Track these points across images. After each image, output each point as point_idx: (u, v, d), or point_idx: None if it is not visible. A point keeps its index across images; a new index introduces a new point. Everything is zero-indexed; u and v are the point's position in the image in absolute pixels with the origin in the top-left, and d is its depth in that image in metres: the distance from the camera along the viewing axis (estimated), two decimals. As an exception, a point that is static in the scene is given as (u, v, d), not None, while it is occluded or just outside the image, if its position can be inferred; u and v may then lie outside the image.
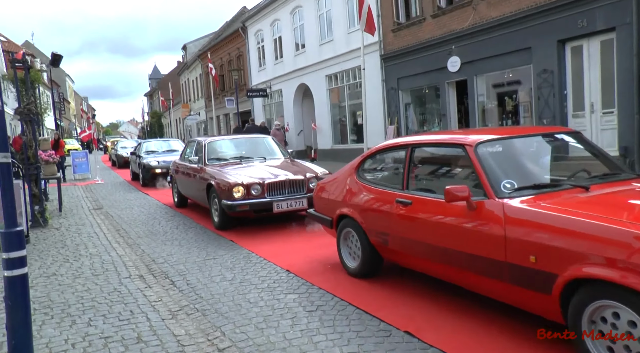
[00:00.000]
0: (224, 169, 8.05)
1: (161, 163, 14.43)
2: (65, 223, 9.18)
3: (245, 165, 8.30)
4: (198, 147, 9.29)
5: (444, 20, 14.38)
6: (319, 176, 7.62)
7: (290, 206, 7.37)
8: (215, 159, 8.74)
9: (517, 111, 12.99)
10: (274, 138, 10.02)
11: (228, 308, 4.39)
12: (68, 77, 67.64)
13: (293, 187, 7.46)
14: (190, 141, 10.50)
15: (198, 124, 43.72)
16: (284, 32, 24.58)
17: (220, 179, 7.58)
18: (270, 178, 7.46)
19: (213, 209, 7.93)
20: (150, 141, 18.38)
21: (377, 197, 4.65)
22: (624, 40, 9.97)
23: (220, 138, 10.00)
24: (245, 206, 7.18)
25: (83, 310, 4.46)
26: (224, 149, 9.32)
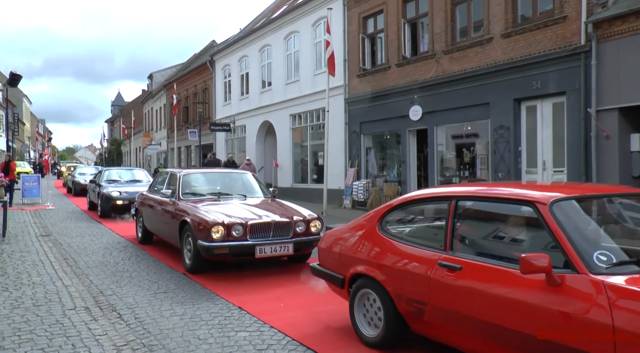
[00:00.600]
0: (201, 205, 7.32)
1: (123, 193, 13.30)
2: (8, 249, 8.76)
3: (224, 202, 7.63)
4: (171, 179, 8.57)
5: (408, 69, 14.93)
6: (306, 219, 7.04)
7: (274, 252, 6.65)
8: (190, 193, 8.06)
9: (475, 162, 13.44)
10: (254, 174, 9.44)
11: (176, 344, 4.26)
12: (25, 98, 65.81)
13: (278, 230, 6.78)
14: (161, 171, 9.61)
15: (158, 154, 43.10)
16: (251, 68, 24.89)
17: (197, 217, 6.81)
18: (253, 218, 6.76)
19: (185, 250, 7.09)
20: (112, 169, 16.80)
21: (409, 256, 3.90)
22: (573, 104, 10.59)
23: (196, 170, 9.27)
24: (224, 248, 6.42)
25: (19, 343, 4.23)
26: (201, 183, 8.65)
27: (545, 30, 11.05)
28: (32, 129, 71.91)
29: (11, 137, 36.85)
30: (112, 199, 13.22)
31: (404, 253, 3.94)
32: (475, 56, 12.76)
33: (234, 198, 7.98)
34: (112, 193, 13.33)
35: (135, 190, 12.59)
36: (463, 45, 13.14)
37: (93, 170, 25.03)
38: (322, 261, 4.84)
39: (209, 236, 6.45)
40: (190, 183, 8.39)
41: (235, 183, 8.82)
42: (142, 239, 9.39)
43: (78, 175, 23.88)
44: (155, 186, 9.43)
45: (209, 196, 8.07)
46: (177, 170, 8.71)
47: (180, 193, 7.92)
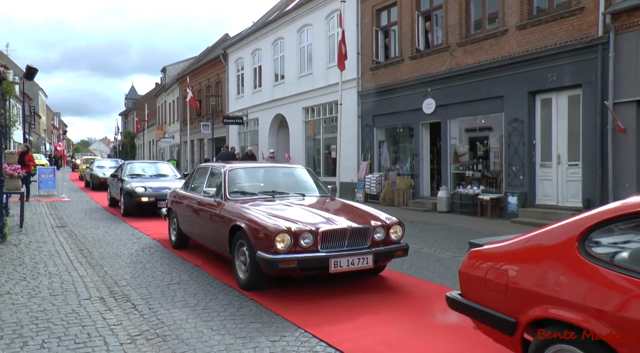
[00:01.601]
0: (255, 207, 6.15)
1: (149, 189, 12.20)
2: (25, 239, 8.89)
3: (281, 203, 6.46)
4: (213, 175, 7.38)
5: (422, 62, 14.83)
6: (386, 224, 5.86)
7: (351, 265, 5.42)
8: (239, 192, 6.83)
9: (488, 156, 13.34)
10: (308, 169, 8.22)
11: (189, 334, 4.30)
12: (41, 91, 66.54)
13: (355, 238, 5.59)
14: (199, 166, 8.39)
15: (172, 147, 43.38)
16: (264, 61, 24.89)
17: (254, 222, 5.64)
18: (324, 224, 5.57)
19: (238, 262, 5.92)
20: (135, 162, 15.55)
21: None
22: (589, 97, 10.45)
23: (242, 165, 7.94)
24: (292, 262, 5.21)
25: (37, 331, 4.30)
26: (250, 180, 7.43)
27: (562, 22, 10.89)
28: (48, 122, 72.75)
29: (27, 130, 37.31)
30: (136, 195, 12.06)
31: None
32: (490, 48, 12.63)
33: (291, 198, 6.81)
34: (136, 189, 12.17)
35: (161, 185, 12.23)
36: (477, 37, 13.01)
37: (112, 163, 24.22)
38: (469, 292, 3.45)
39: (272, 247, 5.27)
40: (237, 179, 7.15)
41: (290, 179, 7.59)
42: (177, 243, 8.20)
43: (96, 168, 22.90)
44: (191, 183, 8.21)
45: (262, 195, 6.83)
46: (219, 165, 7.57)
47: (227, 192, 6.69)
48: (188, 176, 8.50)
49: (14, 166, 10.36)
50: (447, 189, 13.90)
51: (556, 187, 11.37)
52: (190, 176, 8.48)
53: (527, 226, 10.86)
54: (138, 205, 12.11)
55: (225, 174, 7.01)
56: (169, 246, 8.39)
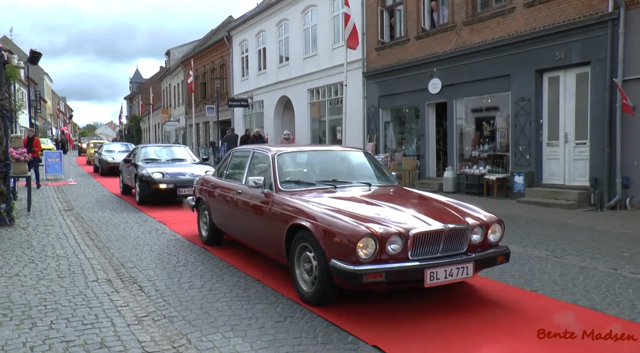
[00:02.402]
0: (319, 201, 4.96)
1: (167, 175, 11.13)
2: (33, 223, 8.96)
3: (347, 195, 5.27)
4: (257, 160, 6.23)
5: (427, 42, 14.65)
6: (484, 222, 4.67)
7: (449, 276, 4.26)
8: (293, 182, 5.63)
9: (494, 136, 13.24)
10: (369, 152, 6.99)
11: (195, 315, 4.33)
12: (46, 76, 66.55)
13: (450, 242, 4.41)
14: (236, 151, 7.25)
15: (177, 130, 43.40)
16: (268, 43, 24.70)
17: (326, 222, 4.44)
18: (414, 224, 4.37)
19: (301, 271, 4.77)
20: (149, 146, 14.38)
21: None
22: (598, 74, 10.30)
23: (293, 148, 6.54)
24: (379, 274, 4.06)
25: (45, 313, 4.34)
26: (303, 166, 6.25)
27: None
28: (54, 106, 72.87)
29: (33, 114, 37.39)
30: (153, 182, 11.00)
31: None
32: (497, 26, 12.44)
33: (355, 188, 5.60)
34: (153, 175, 11.07)
35: (180, 171, 11.47)
36: (484, 16, 12.81)
37: (121, 147, 23.45)
38: None
39: (353, 255, 4.10)
40: (288, 166, 5.97)
41: (349, 165, 6.36)
42: (209, 239, 7.12)
43: (105, 153, 21.92)
44: (225, 169, 7.02)
45: (320, 185, 5.58)
46: (263, 148, 6.31)
47: (279, 182, 5.50)
48: (221, 162, 7.32)
49: (20, 150, 10.39)
50: (453, 169, 13.84)
51: (563, 166, 11.29)
52: (224, 162, 7.20)
53: (533, 205, 10.82)
54: (155, 193, 11.07)
55: (273, 159, 5.75)
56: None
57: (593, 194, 10.41)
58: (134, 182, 11.91)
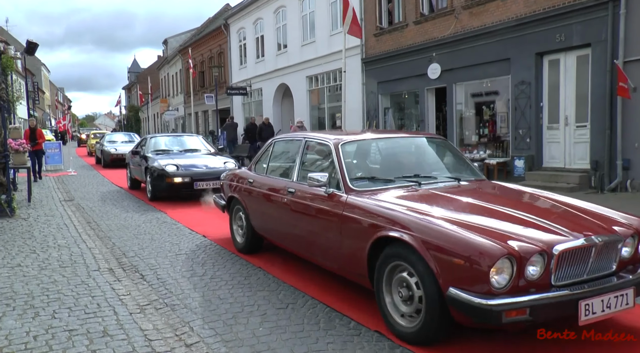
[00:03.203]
0: (411, 204, 3.82)
1: (181, 168, 10.05)
2: (34, 213, 8.96)
3: (440, 194, 4.14)
4: (312, 152, 5.16)
5: (426, 27, 14.53)
6: (637, 230, 3.58)
7: (607, 308, 3.18)
8: (365, 179, 4.45)
9: (494, 120, 13.19)
10: (444, 140, 5.50)
11: (197, 303, 4.34)
12: (44, 67, 66.20)
13: (599, 260, 3.33)
14: (278, 140, 6.03)
15: (176, 119, 43.28)
16: (266, 31, 24.52)
17: (438, 234, 3.33)
18: (554, 237, 3.25)
19: (391, 298, 3.68)
20: (159, 136, 13.25)
21: None
22: (599, 56, 10.22)
23: (357, 135, 5.16)
24: (523, 310, 3.00)
25: (48, 302, 4.35)
26: (375, 158, 5.08)
27: (570, -20, 10.58)
28: (52, 97, 72.62)
29: (32, 105, 37.26)
30: (167, 176, 9.90)
31: None
32: (496, 9, 12.33)
33: (443, 184, 4.47)
34: (166, 168, 9.98)
35: (196, 163, 10.45)
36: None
37: (125, 137, 22.63)
38: None
39: (484, 282, 3.02)
40: (357, 158, 4.82)
41: (429, 156, 5.22)
42: (246, 246, 5.96)
43: (107, 144, 20.97)
44: (267, 162, 5.88)
45: (400, 182, 4.41)
46: (318, 136, 5.15)
47: (348, 179, 4.34)
48: (260, 154, 6.15)
49: (19, 141, 10.37)
50: (454, 155, 13.80)
51: (563, 149, 11.27)
52: (264, 154, 6.02)
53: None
54: (170, 187, 9.97)
55: (337, 150, 4.58)
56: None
57: (594, 177, 10.40)
58: (144, 176, 10.87)
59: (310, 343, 3.50)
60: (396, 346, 3.44)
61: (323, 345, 3.47)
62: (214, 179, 9.56)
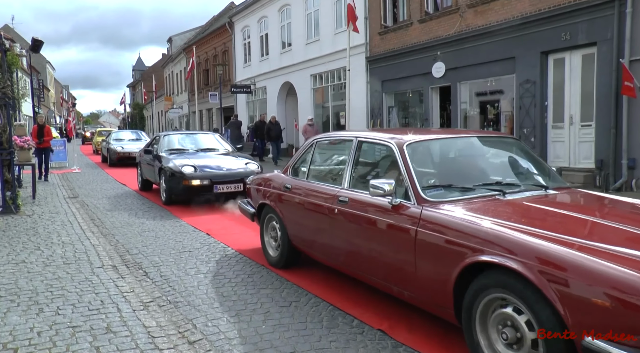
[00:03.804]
0: (509, 220, 3.14)
1: (200, 169, 9.21)
2: (38, 210, 8.99)
3: (535, 206, 3.52)
4: (369, 153, 4.54)
5: (431, 25, 14.49)
6: None
7: None
8: (440, 187, 3.75)
9: (499, 119, 13.15)
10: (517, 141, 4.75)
11: (201, 301, 4.34)
12: (49, 64, 66.37)
13: None
14: (320, 139, 5.25)
15: (180, 117, 43.34)
16: (270, 29, 24.51)
17: (565, 263, 2.56)
18: None
19: (493, 342, 2.97)
20: (172, 134, 12.24)
21: None
22: (604, 55, 10.17)
23: (424, 135, 4.26)
24: None
25: (52, 299, 4.37)
26: (447, 161, 4.33)
27: (576, -22, 10.53)
28: (57, 95, 72.85)
29: (37, 103, 37.37)
30: (184, 178, 9.06)
31: None
32: (501, 8, 12.28)
33: (530, 193, 3.78)
34: (183, 169, 9.14)
35: (214, 163, 9.61)
36: (488, -3, 12.64)
37: (132, 135, 21.92)
38: None
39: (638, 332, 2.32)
40: (427, 163, 4.10)
41: (507, 159, 4.39)
42: (281, 260, 5.22)
43: (114, 142, 20.25)
44: (306, 165, 5.14)
45: (482, 191, 3.71)
46: (376, 135, 4.43)
47: (419, 188, 3.61)
48: (298, 155, 5.35)
49: (24, 137, 10.40)
50: (458, 154, 13.77)
51: (568, 148, 11.22)
52: (303, 156, 5.28)
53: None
54: (187, 190, 9.12)
55: (403, 152, 3.85)
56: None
57: (599, 176, 10.35)
58: (157, 177, 10.13)
59: (313, 342, 3.50)
60: (399, 345, 3.44)
61: (326, 343, 3.47)
62: (235, 181, 9.03)
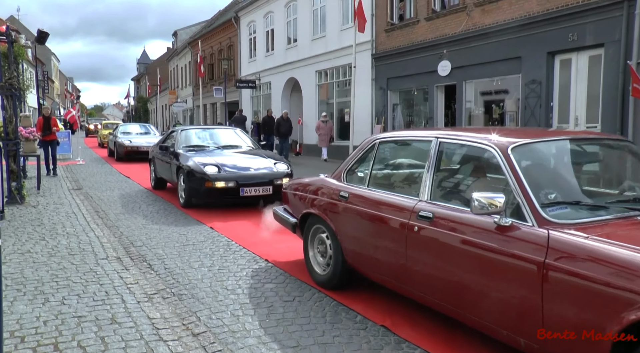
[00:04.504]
0: None
1: (224, 169, 8.30)
2: (43, 201, 9.03)
3: None
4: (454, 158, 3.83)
5: (438, 23, 14.46)
6: None
7: None
8: (563, 204, 2.98)
9: (503, 119, 13.13)
10: (632, 144, 3.94)
11: (205, 294, 4.37)
12: (54, 56, 66.44)
13: None
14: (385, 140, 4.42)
15: (184, 111, 43.37)
16: (276, 24, 24.48)
17: None
18: None
19: None
20: (191, 128, 11.08)
21: None
22: (612, 56, 10.13)
23: (530, 137, 3.36)
24: None
25: (57, 289, 4.39)
26: (562, 170, 3.51)
27: (585, -21, 10.49)
28: (61, 87, 72.95)
29: (42, 94, 37.43)
30: (206, 179, 8.13)
31: None
32: (509, 7, 12.24)
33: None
34: (206, 169, 8.25)
35: (241, 163, 8.70)
36: (496, -4, 12.61)
37: (140, 129, 21.04)
38: None
39: None
40: (537, 171, 3.28)
41: (622, 166, 3.80)
42: (333, 280, 4.41)
43: (121, 135, 19.36)
44: (364, 168, 4.38)
45: (615, 210, 2.99)
46: (468, 135, 3.57)
47: (538, 205, 2.88)
48: (353, 158, 4.53)
49: (30, 129, 10.43)
50: (462, 153, 13.76)
51: (573, 150, 11.19)
52: (361, 158, 4.44)
53: None
54: (209, 193, 8.19)
55: (509, 158, 3.08)
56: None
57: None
58: (175, 176, 9.17)
59: (317, 336, 3.52)
60: (402, 341, 3.45)
61: (329, 338, 3.49)
62: (264, 184, 8.24)
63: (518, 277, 2.77)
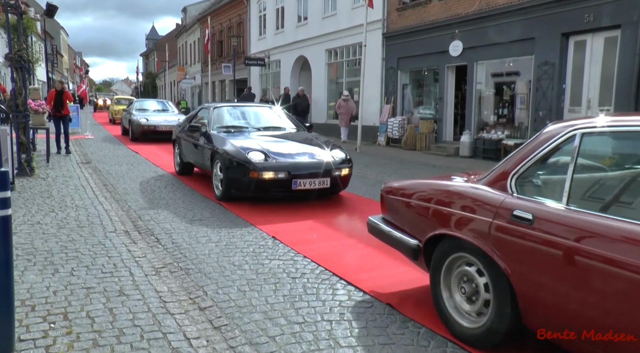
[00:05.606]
0: None
1: (273, 157, 6.88)
2: (52, 174, 9.08)
3: None
4: None
5: (450, 3, 14.22)
6: None
7: None
8: None
9: (514, 101, 12.98)
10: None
11: (212, 269, 4.39)
12: (63, 30, 66.20)
13: None
14: (580, 128, 2.76)
15: (193, 88, 43.25)
16: (287, 2, 24.19)
17: None
18: None
19: None
20: (224, 106, 9.22)
21: None
22: (628, 38, 9.94)
23: None
24: None
25: (66, 260, 4.43)
26: None
27: (603, -42, 10.23)
28: (70, 61, 72.82)
29: (51, 68, 37.40)
30: (251, 168, 6.70)
31: None
32: (524, -14, 12.00)
33: None
34: (250, 156, 6.83)
35: (292, 149, 7.21)
36: (511, -25, 12.35)
37: (158, 106, 19.18)
38: None
39: None
40: None
41: None
42: (495, 336, 2.97)
43: (136, 112, 17.41)
44: (563, 174, 2.72)
45: None
46: None
47: None
48: (524, 154, 3.06)
49: (39, 101, 10.44)
50: (471, 134, 13.66)
51: (584, 134, 11.07)
52: (545, 156, 2.91)
53: None
54: (255, 185, 6.75)
55: None
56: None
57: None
58: (209, 163, 7.69)
59: (324, 313, 3.54)
60: (407, 320, 3.46)
61: (336, 316, 3.50)
62: (321, 175, 6.81)
63: None
